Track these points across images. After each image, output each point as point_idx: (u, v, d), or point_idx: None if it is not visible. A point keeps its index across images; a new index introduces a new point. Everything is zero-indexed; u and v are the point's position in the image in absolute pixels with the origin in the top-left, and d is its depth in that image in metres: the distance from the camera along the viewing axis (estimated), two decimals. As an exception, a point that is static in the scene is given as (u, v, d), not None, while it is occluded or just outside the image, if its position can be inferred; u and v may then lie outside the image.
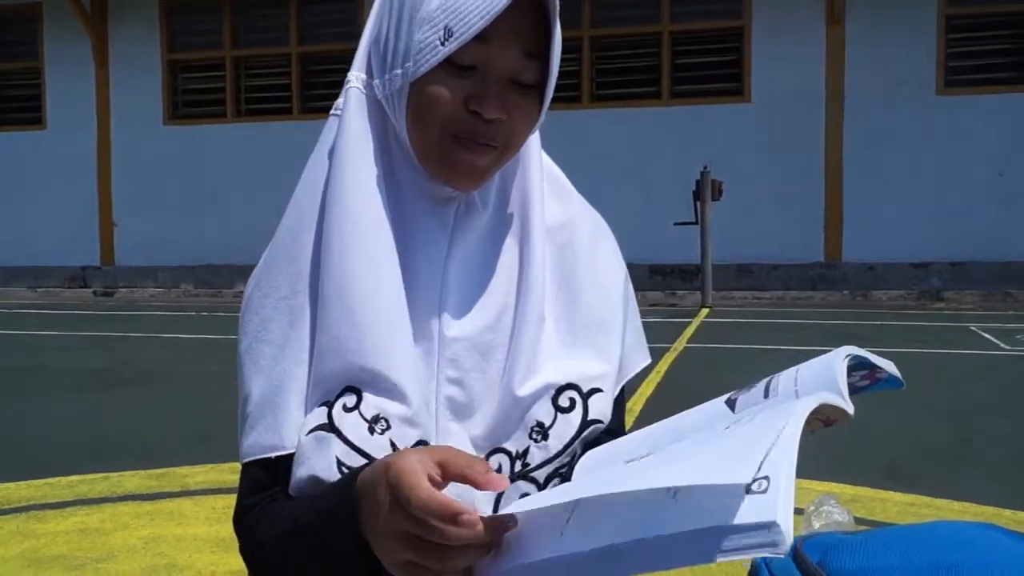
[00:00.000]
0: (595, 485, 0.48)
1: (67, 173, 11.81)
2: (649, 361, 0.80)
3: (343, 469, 0.63)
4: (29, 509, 2.50)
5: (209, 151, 11.41)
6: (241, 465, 0.69)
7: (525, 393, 0.68)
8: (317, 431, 0.64)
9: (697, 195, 8.72)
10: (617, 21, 10.53)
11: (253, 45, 11.58)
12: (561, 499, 0.49)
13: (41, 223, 11.81)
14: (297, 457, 0.64)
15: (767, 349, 5.71)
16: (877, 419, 3.46)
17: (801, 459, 0.43)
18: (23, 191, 11.89)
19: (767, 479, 0.41)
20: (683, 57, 10.42)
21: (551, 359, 0.70)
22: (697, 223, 8.72)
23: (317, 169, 0.71)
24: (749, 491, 0.41)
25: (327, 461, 0.63)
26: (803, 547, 0.56)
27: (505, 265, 0.71)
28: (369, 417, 0.64)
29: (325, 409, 0.65)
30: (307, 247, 0.69)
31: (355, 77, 0.70)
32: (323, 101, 10.67)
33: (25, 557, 2.13)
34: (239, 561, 0.69)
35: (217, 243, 11.06)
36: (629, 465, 0.53)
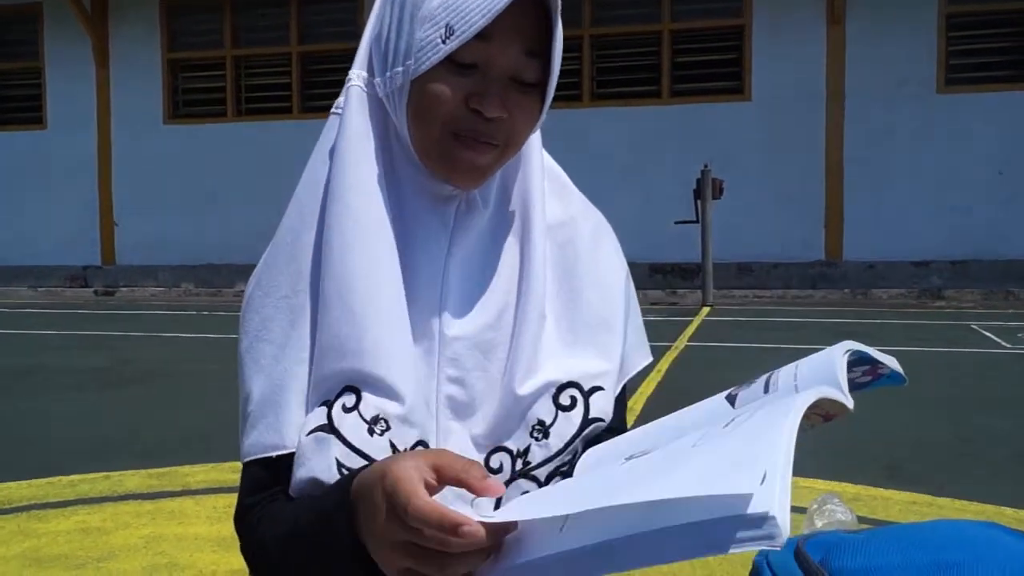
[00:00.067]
0: (595, 494, 0.48)
1: (68, 173, 11.82)
2: (651, 359, 0.80)
3: (343, 471, 0.63)
4: (30, 508, 2.50)
5: (209, 150, 11.41)
6: (242, 464, 0.69)
7: (526, 392, 0.68)
8: (317, 432, 0.64)
9: (698, 194, 8.72)
10: (617, 20, 10.53)
11: (253, 44, 11.58)
12: (562, 500, 0.49)
13: (42, 223, 11.82)
14: (297, 458, 0.64)
15: (768, 348, 5.71)
16: (878, 418, 3.46)
17: (802, 458, 0.43)
18: (24, 191, 11.89)
19: (764, 473, 0.41)
20: (684, 56, 10.42)
21: (552, 357, 0.70)
22: (698, 222, 8.72)
23: (318, 168, 0.71)
24: None
25: (327, 462, 0.63)
26: (805, 546, 0.56)
27: (506, 264, 0.71)
28: (369, 418, 0.64)
29: (325, 409, 0.65)
30: (308, 246, 0.69)
31: (356, 75, 0.70)
32: (323, 100, 10.67)
33: (26, 556, 2.13)
34: (240, 560, 0.69)
35: (217, 242, 11.07)
36: (630, 463, 0.53)
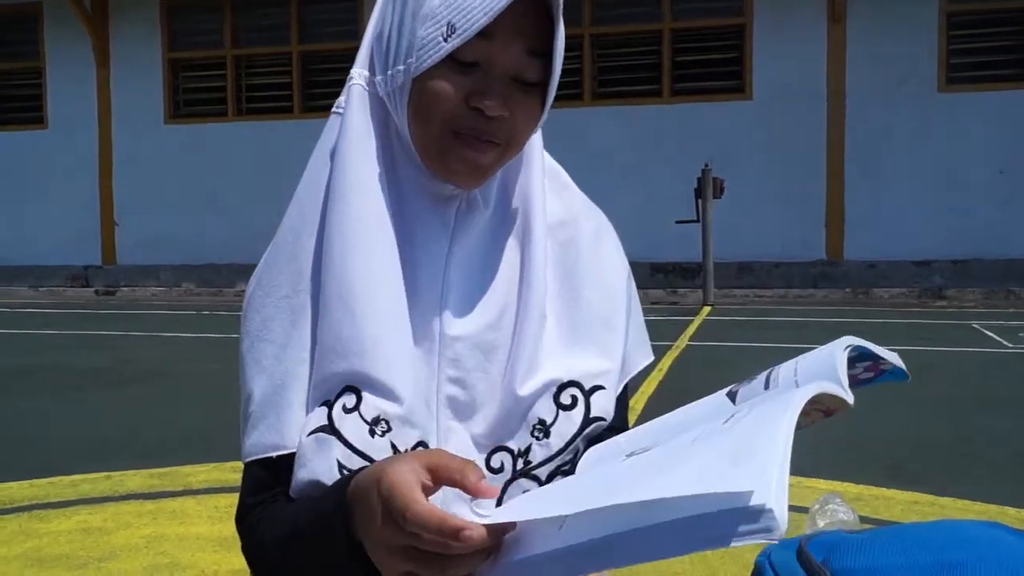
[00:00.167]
0: (595, 492, 0.48)
1: (68, 173, 11.82)
2: (652, 359, 0.79)
3: (344, 472, 0.63)
4: (32, 508, 2.50)
5: (210, 150, 11.42)
6: (243, 464, 0.69)
7: (527, 392, 0.68)
8: (318, 432, 0.64)
9: (698, 193, 8.71)
10: (618, 19, 10.53)
11: (254, 44, 11.58)
12: (562, 499, 0.49)
13: (43, 223, 11.82)
14: (298, 458, 0.64)
15: (769, 347, 5.71)
16: (880, 417, 3.46)
17: (804, 458, 0.42)
18: (24, 191, 11.90)
19: (763, 467, 0.41)
20: (684, 55, 10.41)
21: (553, 357, 0.70)
22: (698, 221, 8.72)
23: (319, 167, 0.70)
24: None
25: (327, 464, 0.63)
26: (807, 546, 0.55)
27: (507, 264, 0.71)
28: (369, 419, 0.64)
29: (325, 409, 0.64)
30: (308, 246, 0.69)
31: (358, 74, 0.70)
32: (324, 100, 10.68)
33: (28, 556, 2.13)
34: (241, 560, 0.69)
35: (218, 242, 11.07)
36: (630, 460, 0.53)
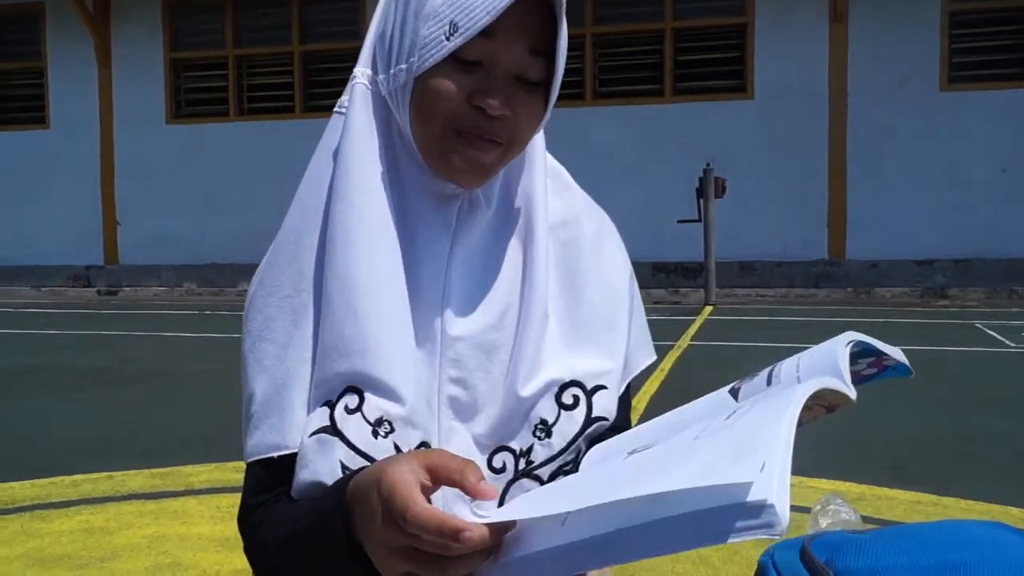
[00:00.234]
0: (598, 487, 0.48)
1: (70, 173, 11.84)
2: (654, 358, 0.79)
3: (346, 473, 0.63)
4: (33, 508, 2.50)
5: (212, 150, 11.43)
6: (245, 464, 0.69)
7: (529, 393, 0.67)
8: (320, 433, 0.64)
9: (700, 192, 8.71)
10: (620, 18, 10.52)
11: (255, 44, 11.59)
12: (563, 497, 0.49)
13: (44, 223, 11.84)
14: (300, 459, 0.64)
15: (770, 347, 5.70)
16: (882, 417, 3.45)
17: (806, 457, 0.42)
18: (26, 191, 11.92)
19: (763, 462, 0.40)
20: (686, 54, 10.41)
21: (555, 357, 0.70)
22: (700, 221, 8.71)
23: (321, 167, 0.70)
24: None
25: (330, 465, 0.62)
26: (810, 546, 0.55)
27: (509, 263, 0.71)
28: (372, 420, 0.64)
29: (327, 410, 0.64)
30: (310, 245, 0.69)
31: (361, 73, 0.70)
32: (326, 100, 10.68)
33: (30, 556, 2.13)
34: (243, 560, 0.69)
35: (220, 242, 11.08)
36: (631, 457, 0.53)
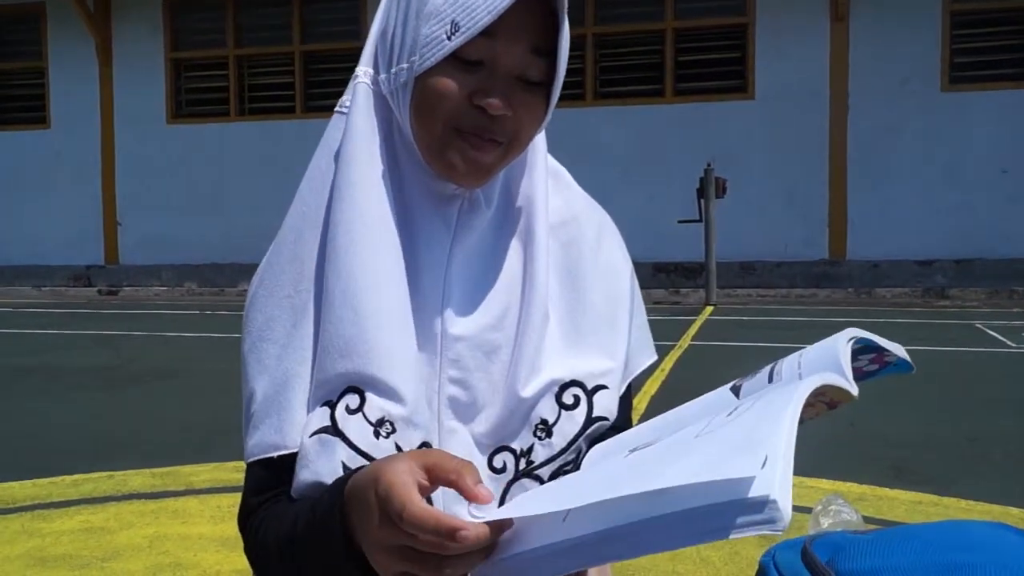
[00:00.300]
0: (599, 484, 0.48)
1: (71, 172, 11.85)
2: (655, 358, 0.79)
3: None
4: (34, 508, 2.50)
5: (212, 150, 11.43)
6: (246, 464, 0.69)
7: (529, 393, 0.67)
8: (321, 434, 0.63)
9: (701, 192, 8.71)
10: (621, 18, 10.52)
11: (256, 44, 11.60)
12: (563, 495, 0.49)
13: (45, 222, 11.85)
14: (300, 459, 0.64)
15: (771, 347, 5.70)
16: (883, 418, 3.45)
17: (807, 457, 0.42)
18: (27, 191, 11.93)
19: (765, 457, 0.40)
20: (687, 54, 10.41)
21: (555, 357, 0.70)
22: (701, 221, 8.71)
23: (322, 166, 0.70)
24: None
25: (332, 465, 0.62)
26: (812, 546, 0.55)
27: (509, 264, 0.71)
28: (374, 420, 0.64)
29: (327, 410, 0.64)
30: (311, 245, 0.69)
31: (363, 72, 0.70)
32: (326, 100, 10.69)
33: (30, 556, 2.13)
34: (243, 560, 0.69)
35: (220, 242, 11.09)
36: (633, 455, 0.53)
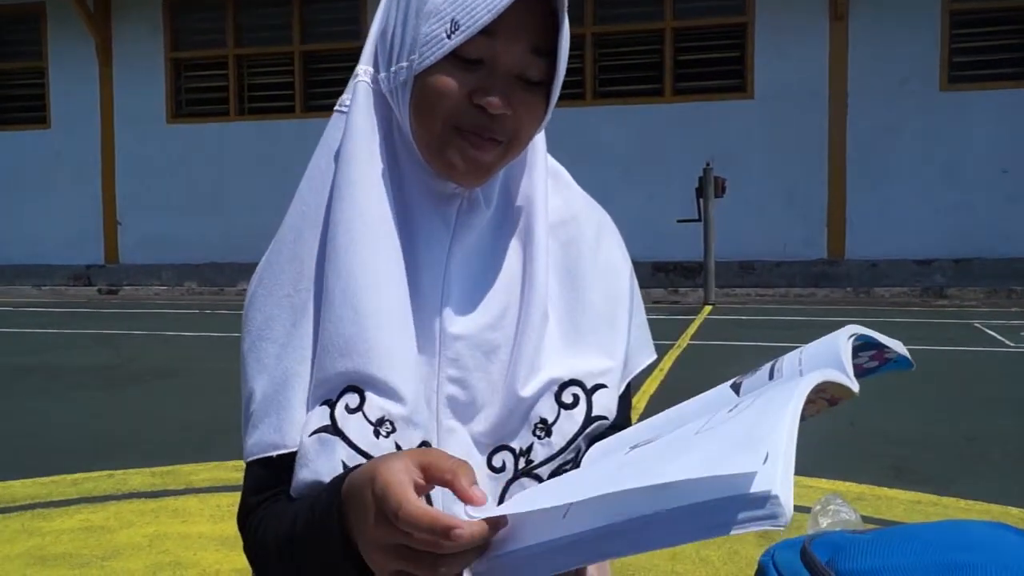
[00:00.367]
0: (600, 480, 0.47)
1: (71, 172, 11.85)
2: (655, 357, 0.79)
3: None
4: (34, 507, 2.51)
5: (212, 150, 11.43)
6: (245, 463, 0.69)
7: (528, 393, 0.67)
8: (320, 433, 0.63)
9: (700, 192, 8.71)
10: (620, 18, 10.52)
11: (256, 44, 11.59)
12: (562, 491, 0.49)
13: (46, 222, 11.85)
14: (299, 458, 0.64)
15: (770, 346, 5.70)
16: (882, 417, 3.45)
17: (806, 457, 0.42)
18: (27, 190, 11.93)
19: (767, 453, 0.40)
20: (686, 54, 10.41)
21: (555, 357, 0.70)
22: (700, 220, 8.71)
23: (322, 166, 0.70)
24: None
25: (332, 465, 0.62)
26: (811, 546, 0.55)
27: (508, 263, 0.71)
28: (374, 419, 0.64)
29: (327, 409, 0.64)
30: (311, 244, 0.69)
31: (363, 71, 0.70)
32: (326, 99, 10.69)
33: (30, 555, 2.13)
34: (243, 559, 0.69)
35: (220, 241, 11.09)
36: (633, 452, 0.53)
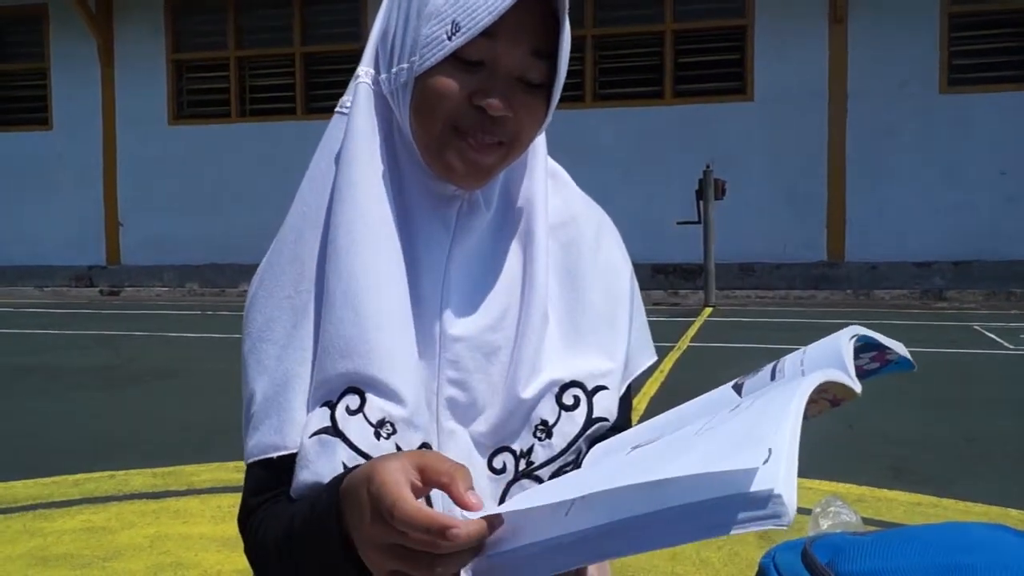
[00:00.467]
0: (602, 477, 0.47)
1: (73, 173, 11.86)
2: (655, 359, 0.79)
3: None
4: (36, 508, 2.51)
5: (213, 151, 11.44)
6: (246, 465, 0.69)
7: (529, 395, 0.67)
8: (321, 434, 0.63)
9: (700, 194, 8.71)
10: (620, 20, 10.53)
11: (257, 45, 11.60)
12: (566, 490, 0.49)
13: (48, 223, 11.86)
14: (300, 460, 0.64)
15: (770, 348, 5.70)
16: (882, 419, 3.46)
17: (805, 458, 0.42)
18: (29, 191, 11.94)
19: (769, 451, 0.40)
20: (686, 56, 10.41)
21: (555, 358, 0.70)
22: (700, 222, 8.71)
23: (323, 167, 0.70)
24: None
25: (332, 466, 0.62)
26: (812, 548, 0.55)
27: (508, 265, 0.71)
28: (374, 421, 0.64)
29: (327, 410, 0.64)
30: (311, 245, 0.69)
31: (364, 72, 0.70)
32: (327, 101, 10.70)
33: (32, 555, 2.14)
34: (244, 560, 0.69)
35: (222, 242, 11.09)
36: (635, 452, 0.52)
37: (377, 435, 0.63)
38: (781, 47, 9.91)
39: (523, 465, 0.68)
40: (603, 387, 0.70)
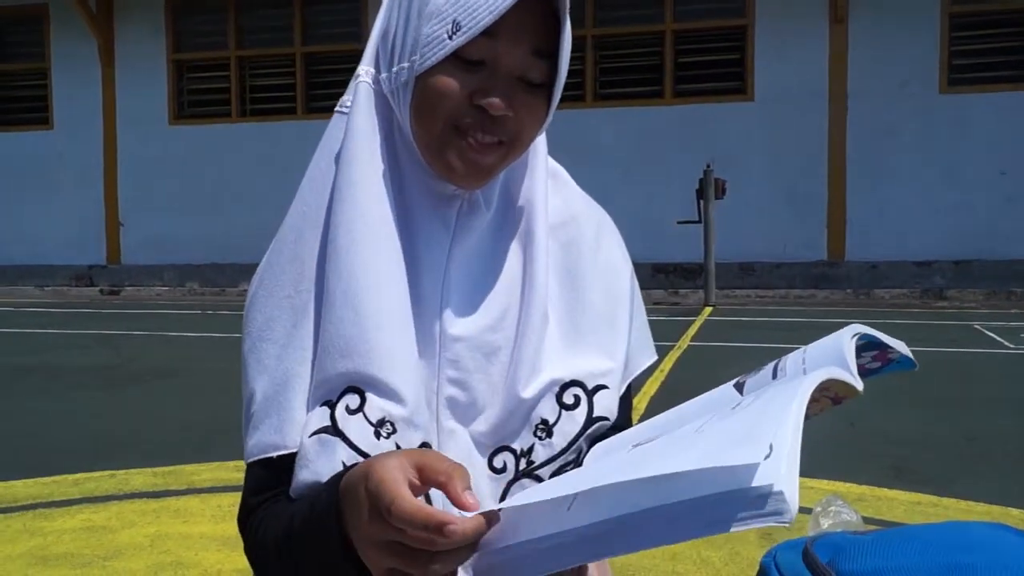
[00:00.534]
0: (602, 473, 0.47)
1: (73, 173, 11.86)
2: (655, 358, 0.79)
3: None
4: (36, 507, 2.51)
5: (214, 151, 11.44)
6: (246, 464, 0.69)
7: (529, 395, 0.68)
8: (321, 434, 0.63)
9: (700, 193, 8.71)
10: (620, 20, 10.53)
11: (257, 45, 11.61)
12: (567, 486, 0.49)
13: (48, 222, 11.86)
14: (299, 459, 0.64)
15: (770, 348, 5.70)
16: (882, 418, 3.46)
17: (806, 457, 0.42)
18: (30, 191, 11.94)
19: (771, 447, 0.40)
20: (686, 56, 10.42)
21: (555, 358, 0.70)
22: (700, 222, 8.72)
23: (323, 167, 0.70)
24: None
25: (332, 466, 0.62)
26: (813, 547, 0.55)
27: (508, 265, 0.71)
28: (374, 420, 0.64)
29: (327, 410, 0.64)
30: (311, 244, 0.69)
31: (365, 71, 0.70)
32: (328, 101, 10.70)
33: (32, 555, 2.14)
34: (245, 559, 0.69)
35: (222, 242, 11.10)
36: (636, 449, 0.52)
37: (377, 434, 0.63)
38: (781, 47, 9.92)
39: (523, 464, 0.68)
40: (603, 386, 0.70)
